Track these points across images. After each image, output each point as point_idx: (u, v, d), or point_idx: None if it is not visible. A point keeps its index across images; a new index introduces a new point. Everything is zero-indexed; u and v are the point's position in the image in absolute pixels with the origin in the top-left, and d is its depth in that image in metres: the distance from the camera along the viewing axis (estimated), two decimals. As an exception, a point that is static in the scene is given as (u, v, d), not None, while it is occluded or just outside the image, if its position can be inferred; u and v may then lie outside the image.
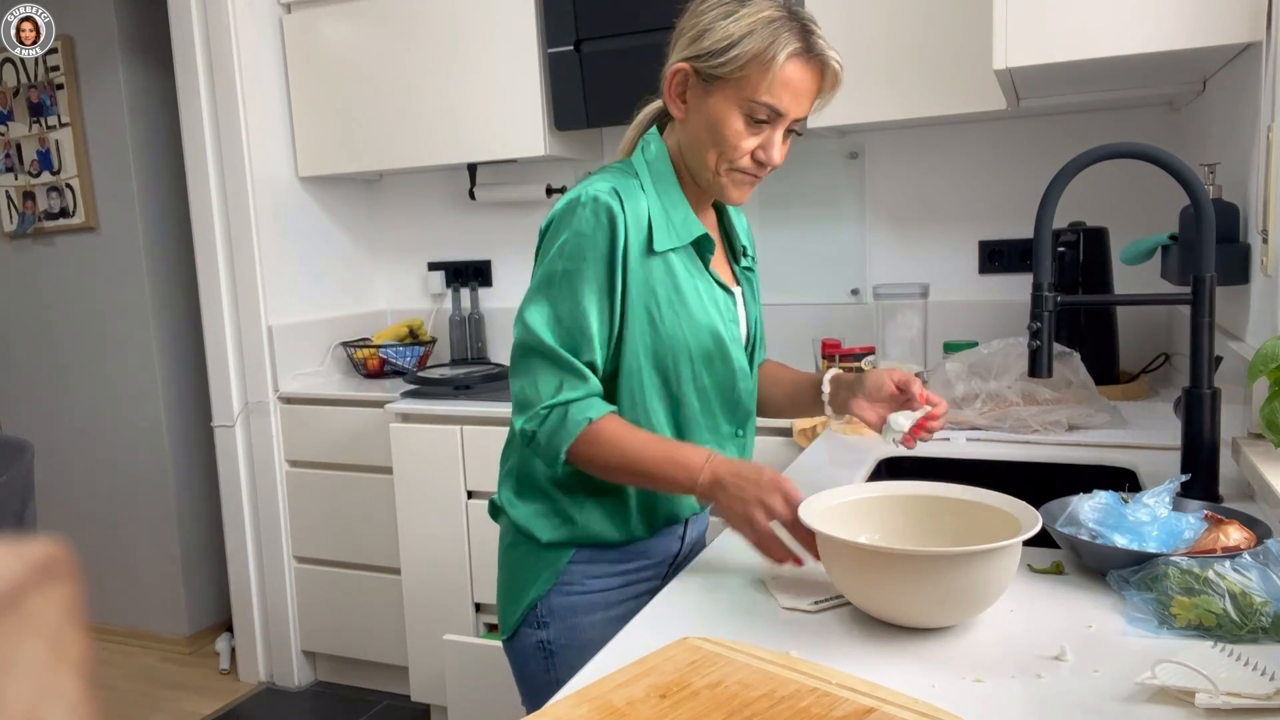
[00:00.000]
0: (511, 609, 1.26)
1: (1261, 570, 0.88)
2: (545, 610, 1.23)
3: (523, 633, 1.25)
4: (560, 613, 1.22)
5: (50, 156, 3.10)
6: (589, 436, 1.11)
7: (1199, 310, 1.18)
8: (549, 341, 1.13)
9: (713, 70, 1.11)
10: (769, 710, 0.74)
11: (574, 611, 1.22)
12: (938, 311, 2.24)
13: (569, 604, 1.22)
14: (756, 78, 1.09)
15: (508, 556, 1.28)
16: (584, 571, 1.23)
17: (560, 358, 1.12)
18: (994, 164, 2.34)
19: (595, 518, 1.21)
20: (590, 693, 0.78)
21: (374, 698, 2.74)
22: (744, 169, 1.15)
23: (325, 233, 2.91)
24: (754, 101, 1.10)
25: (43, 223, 3.15)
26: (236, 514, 2.78)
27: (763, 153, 1.14)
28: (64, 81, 3.02)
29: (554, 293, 1.13)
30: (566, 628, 1.22)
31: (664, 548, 1.27)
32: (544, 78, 2.43)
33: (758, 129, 1.13)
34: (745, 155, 1.14)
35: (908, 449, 1.24)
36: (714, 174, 1.16)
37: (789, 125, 1.15)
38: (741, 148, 1.13)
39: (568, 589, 1.22)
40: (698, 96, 1.14)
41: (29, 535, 0.25)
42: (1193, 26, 1.44)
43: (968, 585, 0.87)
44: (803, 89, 1.12)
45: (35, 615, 0.22)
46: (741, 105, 1.11)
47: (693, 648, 0.85)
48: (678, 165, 1.21)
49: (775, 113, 1.11)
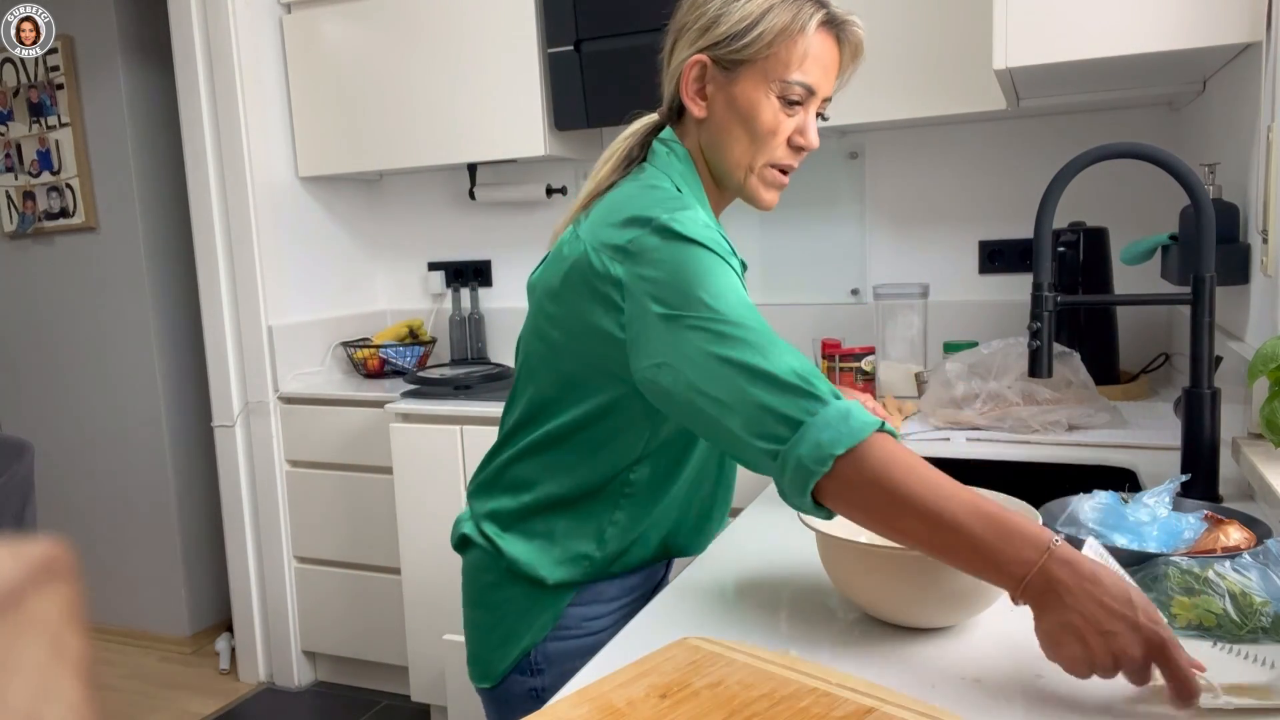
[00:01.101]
0: (498, 655, 1.14)
1: (1261, 570, 0.88)
2: (540, 657, 1.12)
3: (512, 680, 1.13)
4: (556, 659, 1.11)
5: (50, 156, 3.10)
6: (884, 446, 0.83)
7: (1199, 310, 1.18)
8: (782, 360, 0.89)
9: (736, 55, 1.03)
10: (769, 710, 0.74)
11: (570, 657, 1.10)
12: (938, 311, 2.24)
13: (566, 649, 1.11)
14: (785, 54, 1.02)
15: (492, 597, 1.13)
16: (582, 614, 1.12)
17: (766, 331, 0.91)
18: (994, 164, 2.34)
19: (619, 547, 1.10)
20: (590, 692, 0.78)
21: (374, 698, 2.74)
22: (781, 162, 1.07)
23: (325, 233, 2.91)
24: (785, 81, 1.02)
25: (43, 223, 3.15)
26: (236, 514, 2.78)
27: (800, 137, 1.06)
28: (64, 81, 3.02)
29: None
30: (562, 674, 1.08)
31: (652, 575, 1.20)
32: (544, 78, 2.43)
33: (792, 111, 1.04)
34: (782, 143, 1.06)
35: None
36: (747, 172, 1.07)
37: (820, 107, 1.07)
38: (780, 133, 1.05)
39: (565, 633, 1.12)
40: (720, 88, 1.05)
41: (29, 535, 0.25)
42: (1193, 26, 1.44)
43: (968, 585, 0.87)
44: (830, 63, 1.05)
45: (35, 615, 0.22)
46: (774, 86, 1.03)
47: (693, 648, 0.85)
48: (700, 172, 1.11)
49: (809, 90, 1.03)
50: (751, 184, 1.08)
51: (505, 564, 1.11)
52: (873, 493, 0.82)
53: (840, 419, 0.84)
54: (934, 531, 0.79)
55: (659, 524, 1.13)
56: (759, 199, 1.10)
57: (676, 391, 0.92)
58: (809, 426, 0.84)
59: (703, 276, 0.93)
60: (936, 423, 1.72)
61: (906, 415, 1.82)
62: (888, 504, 0.81)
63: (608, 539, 1.10)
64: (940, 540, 0.80)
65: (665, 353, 0.93)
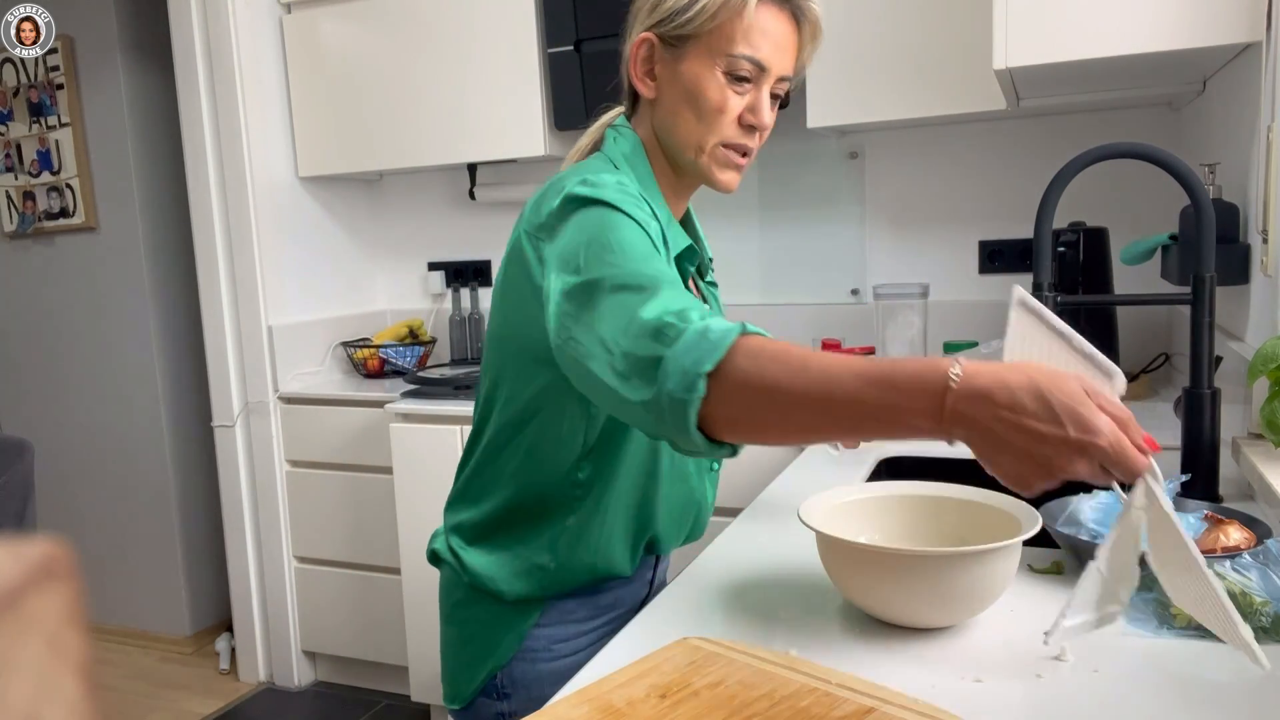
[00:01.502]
0: (465, 677, 1.10)
1: (1261, 570, 0.88)
2: (506, 680, 1.08)
3: (480, 703, 1.09)
4: (524, 683, 1.07)
5: (50, 156, 3.10)
6: (748, 348, 0.76)
7: (1199, 310, 1.18)
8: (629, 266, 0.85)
9: (680, 30, 0.99)
10: (769, 710, 0.74)
11: (540, 682, 1.06)
12: (938, 311, 2.24)
13: (534, 674, 1.07)
14: (729, 28, 0.97)
15: (460, 615, 1.11)
16: (551, 636, 1.08)
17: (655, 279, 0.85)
18: (994, 164, 2.34)
19: (572, 555, 1.05)
20: (590, 692, 0.78)
21: (374, 698, 2.74)
22: (732, 141, 1.02)
23: (325, 233, 2.91)
24: (731, 55, 0.98)
25: (43, 223, 3.15)
26: (236, 514, 2.78)
27: (751, 115, 1.01)
28: (64, 81, 3.02)
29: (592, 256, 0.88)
30: (532, 699, 1.04)
31: (632, 594, 1.15)
32: (544, 78, 2.43)
33: (741, 88, 1.00)
34: (732, 121, 1.01)
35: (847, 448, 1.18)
36: (697, 152, 1.03)
37: (774, 87, 1.03)
38: (728, 110, 1.00)
39: (533, 656, 1.07)
40: (667, 66, 1.02)
41: (29, 535, 0.25)
42: (1193, 26, 1.44)
43: (968, 585, 0.87)
44: (782, 40, 1.00)
45: (35, 615, 0.22)
46: (719, 61, 0.99)
47: (693, 648, 0.85)
48: (651, 158, 1.07)
49: (757, 65, 0.99)
50: (703, 164, 1.03)
51: (469, 579, 1.08)
52: (754, 400, 0.75)
53: (698, 338, 0.77)
54: (827, 417, 0.73)
55: (616, 528, 1.07)
56: (713, 179, 1.05)
57: (576, 360, 0.86)
58: (668, 359, 0.77)
59: (602, 234, 0.89)
60: (936, 423, 1.72)
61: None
62: (772, 406, 0.74)
63: (559, 548, 1.05)
64: (837, 423, 0.74)
65: (566, 327, 0.87)
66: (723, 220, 2.58)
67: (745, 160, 1.05)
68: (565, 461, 1.03)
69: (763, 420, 0.76)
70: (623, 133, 1.07)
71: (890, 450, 1.64)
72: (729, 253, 2.59)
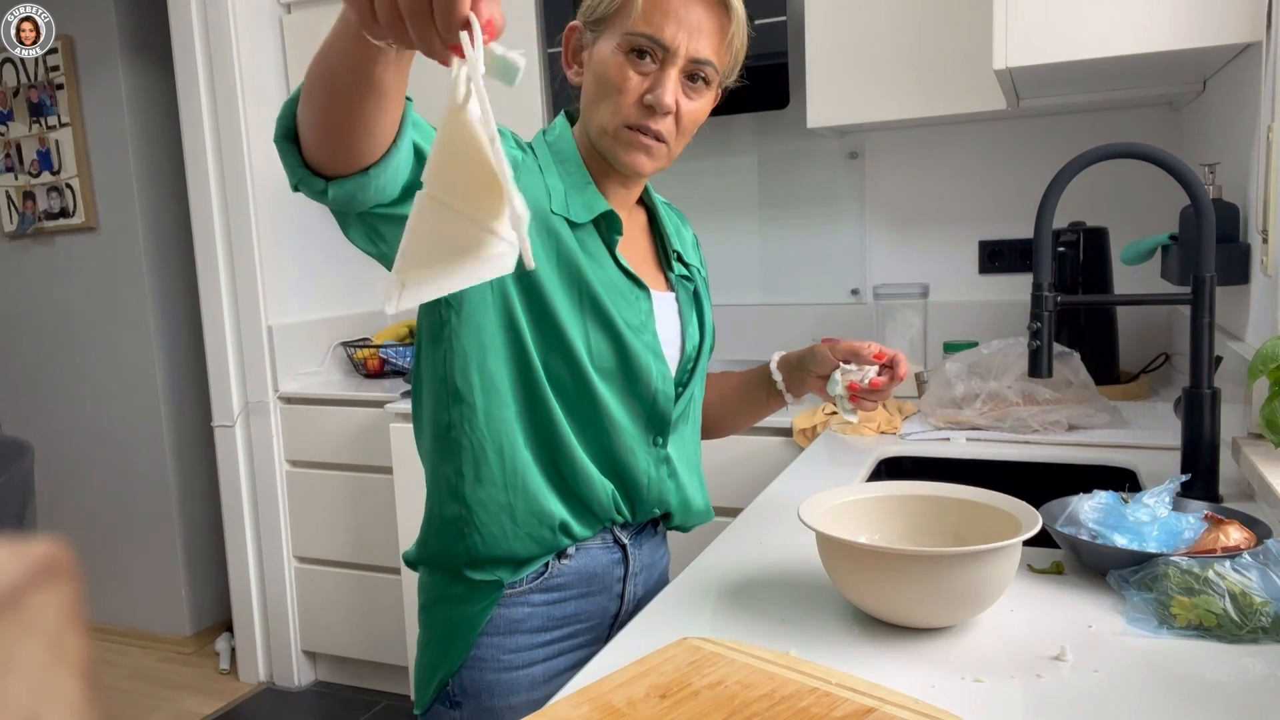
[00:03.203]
0: (423, 681, 1.10)
1: (1261, 570, 0.88)
2: (457, 689, 1.07)
3: (436, 710, 1.08)
4: (473, 692, 1.06)
5: (50, 156, 3.10)
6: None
7: (1199, 310, 1.18)
8: None
9: (597, 15, 1.02)
10: (769, 710, 0.74)
11: (490, 693, 1.05)
12: (938, 311, 2.24)
13: (483, 683, 1.06)
14: (629, 5, 0.99)
15: (423, 618, 1.12)
16: (500, 645, 1.06)
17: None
18: (994, 164, 2.34)
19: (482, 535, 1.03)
20: (590, 692, 0.78)
21: (374, 698, 2.74)
22: (634, 122, 1.01)
23: (325, 233, 2.91)
24: (630, 33, 0.99)
25: (43, 223, 3.15)
26: (236, 514, 2.78)
27: (650, 95, 1.00)
28: (64, 81, 3.02)
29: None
30: (482, 709, 1.05)
31: (599, 609, 1.12)
32: (544, 78, 2.43)
33: (643, 66, 1.00)
34: (633, 101, 1.00)
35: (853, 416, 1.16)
36: (602, 134, 1.03)
37: (690, 68, 1.01)
38: (626, 90, 1.00)
39: (481, 665, 1.06)
40: (587, 51, 1.05)
41: (29, 535, 0.25)
42: (1193, 26, 1.44)
43: (968, 585, 0.87)
44: (689, 19, 0.99)
45: (35, 615, 0.22)
46: (621, 43, 1.00)
47: (693, 648, 0.85)
48: (585, 150, 1.08)
49: (657, 44, 0.99)
50: (607, 146, 1.03)
51: (429, 578, 1.09)
52: (306, 94, 0.79)
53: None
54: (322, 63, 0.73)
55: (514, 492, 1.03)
56: (618, 160, 1.04)
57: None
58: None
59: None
60: (936, 423, 1.72)
61: (906, 415, 1.82)
62: (311, 89, 0.77)
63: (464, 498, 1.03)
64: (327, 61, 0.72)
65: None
66: (723, 220, 2.58)
67: (655, 144, 1.03)
68: (446, 434, 1.04)
69: (309, 102, 0.78)
70: (555, 123, 1.10)
71: (890, 450, 1.64)
72: (729, 253, 2.59)
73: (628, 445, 1.09)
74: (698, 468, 1.22)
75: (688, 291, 1.18)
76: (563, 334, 1.03)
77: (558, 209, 1.03)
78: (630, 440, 1.09)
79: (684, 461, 1.17)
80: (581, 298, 1.04)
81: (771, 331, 2.56)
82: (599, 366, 1.05)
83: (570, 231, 1.04)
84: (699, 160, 2.53)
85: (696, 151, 1.74)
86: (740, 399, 1.32)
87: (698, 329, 1.18)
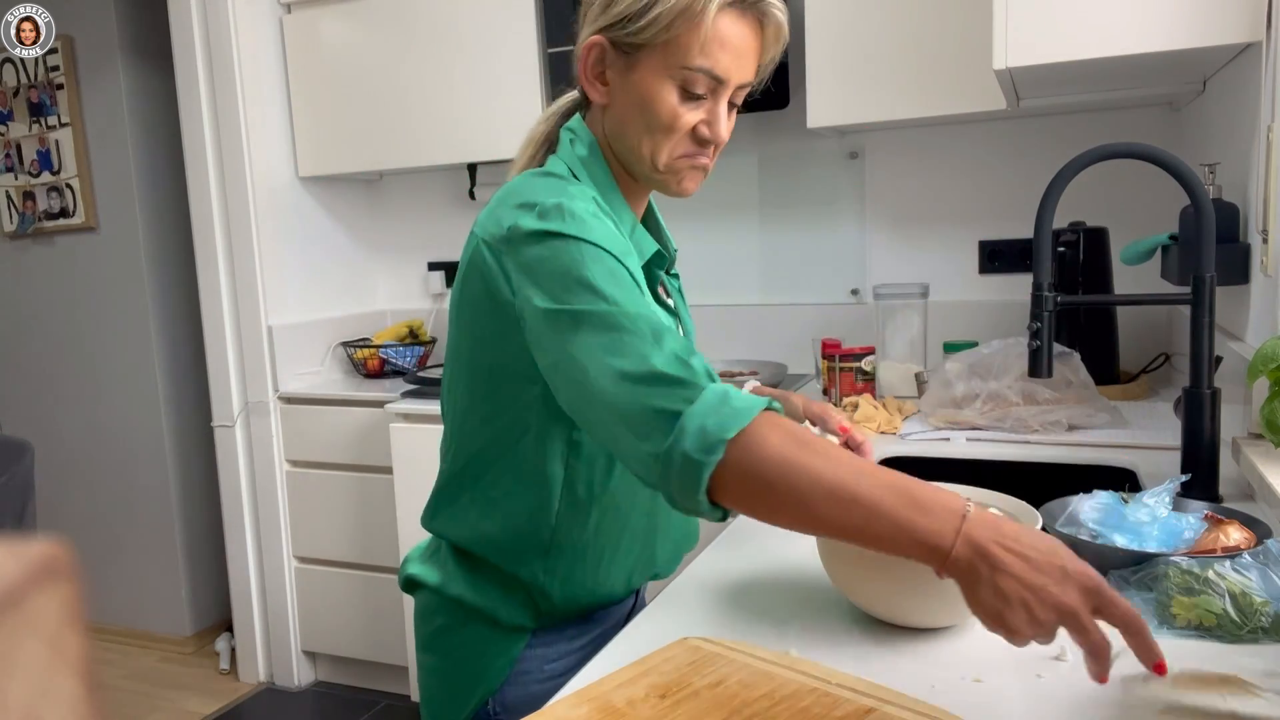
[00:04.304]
0: (453, 707, 1.03)
1: (1261, 570, 0.88)
2: (499, 706, 1.01)
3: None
4: (515, 707, 1.00)
5: (50, 156, 3.10)
6: (775, 423, 0.76)
7: (1199, 310, 1.18)
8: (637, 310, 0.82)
9: (633, 38, 0.92)
10: (769, 710, 0.74)
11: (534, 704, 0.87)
12: (938, 311, 2.24)
13: (527, 696, 1.00)
14: (686, 39, 0.90)
15: (445, 642, 1.04)
16: (543, 656, 1.02)
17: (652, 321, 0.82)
18: (994, 164, 2.34)
19: (569, 584, 0.99)
20: (590, 692, 0.78)
21: (374, 698, 2.74)
22: (685, 153, 0.96)
23: (325, 233, 2.91)
24: (687, 68, 0.91)
25: (43, 223, 3.15)
26: (236, 514, 2.78)
27: (706, 129, 0.95)
28: (64, 81, 3.02)
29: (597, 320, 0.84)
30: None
31: (621, 609, 1.11)
32: (544, 78, 2.43)
33: (696, 103, 0.94)
34: (685, 136, 0.95)
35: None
36: (651, 166, 0.97)
37: (733, 95, 0.96)
38: (679, 127, 0.94)
39: (525, 678, 1.01)
40: (619, 74, 0.95)
41: (29, 535, 0.25)
42: (1193, 26, 1.44)
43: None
44: (743, 47, 0.93)
45: (35, 615, 0.22)
46: (674, 75, 0.92)
47: (693, 648, 0.85)
48: (609, 161, 1.01)
49: (714, 79, 0.93)
50: (659, 178, 0.98)
51: (455, 605, 1.02)
52: (775, 477, 0.74)
53: (720, 402, 0.76)
54: (847, 511, 0.72)
55: (618, 556, 1.02)
56: (672, 190, 1.00)
57: (565, 390, 0.86)
58: (688, 416, 0.76)
59: (578, 269, 0.85)
60: (936, 423, 1.72)
61: (906, 415, 1.82)
62: (791, 487, 0.73)
63: (556, 576, 0.99)
64: (854, 520, 0.72)
65: (552, 349, 0.85)
66: (723, 220, 2.58)
67: (706, 163, 0.99)
68: (556, 483, 0.97)
69: (776, 497, 0.75)
70: (579, 134, 1.01)
71: (890, 450, 1.64)
72: (729, 253, 2.59)
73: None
74: None
75: (679, 293, 1.13)
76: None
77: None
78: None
79: None
80: None
81: (771, 331, 2.56)
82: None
83: None
84: (699, 160, 2.53)
85: (696, 151, 1.74)
86: None
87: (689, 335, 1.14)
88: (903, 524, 0.71)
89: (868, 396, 1.87)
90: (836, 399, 1.95)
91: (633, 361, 0.80)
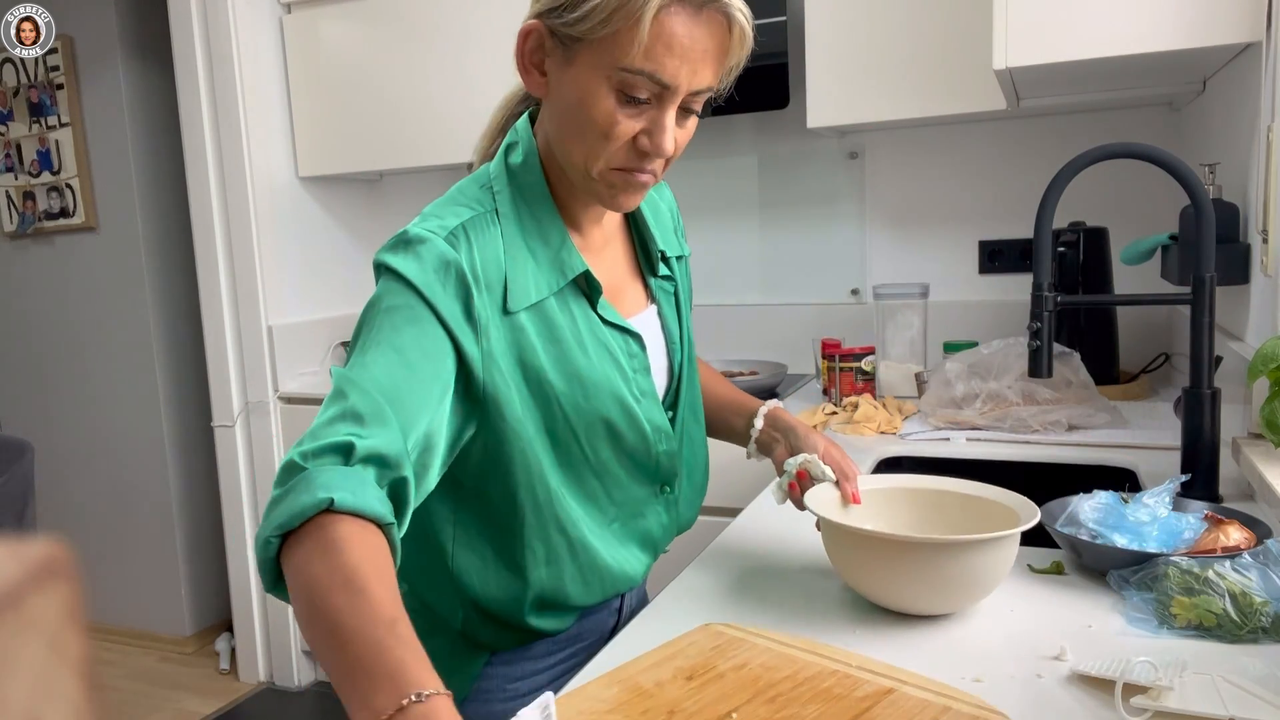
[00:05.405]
0: None
1: (1261, 570, 0.88)
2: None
3: None
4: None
5: (50, 156, 3.10)
6: (320, 531, 0.67)
7: (1199, 310, 1.18)
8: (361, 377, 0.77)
9: (569, 29, 0.82)
10: (792, 691, 0.76)
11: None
12: (938, 311, 2.24)
13: (488, 715, 0.97)
14: (626, 37, 0.79)
15: None
16: (506, 674, 0.98)
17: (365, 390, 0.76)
18: (994, 164, 2.34)
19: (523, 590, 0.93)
20: (619, 674, 0.81)
21: (374, 698, 2.74)
22: (624, 165, 0.85)
23: (325, 233, 2.91)
24: (626, 70, 0.80)
25: (43, 223, 3.15)
26: (236, 514, 2.78)
27: (647, 139, 0.84)
28: (64, 81, 3.02)
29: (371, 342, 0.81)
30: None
31: (598, 625, 1.05)
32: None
33: (636, 109, 0.83)
34: (623, 146, 0.84)
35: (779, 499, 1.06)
36: (584, 174, 0.86)
37: (686, 101, 0.84)
38: (616, 135, 0.83)
39: (487, 696, 0.97)
40: (557, 66, 0.85)
41: (29, 535, 0.25)
42: (1193, 26, 1.44)
43: (967, 573, 0.89)
44: (697, 49, 0.81)
45: (35, 615, 0.22)
46: (610, 77, 0.81)
47: (716, 633, 0.88)
48: (549, 167, 0.92)
49: (658, 83, 0.81)
50: (595, 187, 0.88)
51: (424, 608, 0.97)
52: (295, 587, 0.67)
53: (304, 487, 0.68)
54: (320, 639, 0.64)
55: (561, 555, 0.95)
56: (604, 203, 0.90)
57: None
58: (274, 499, 0.70)
59: (376, 325, 0.81)
60: (936, 423, 1.72)
61: (906, 415, 1.82)
62: (300, 601, 0.66)
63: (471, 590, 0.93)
64: (320, 652, 0.64)
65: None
66: (723, 220, 2.58)
67: (647, 179, 0.88)
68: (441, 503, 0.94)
69: (297, 609, 0.67)
70: (520, 138, 0.92)
71: (890, 450, 1.64)
72: (729, 253, 2.59)
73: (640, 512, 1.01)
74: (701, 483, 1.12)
75: (669, 295, 1.05)
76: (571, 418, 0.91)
77: (516, 305, 0.87)
78: (640, 506, 1.00)
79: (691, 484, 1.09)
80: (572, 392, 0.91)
81: (771, 331, 2.56)
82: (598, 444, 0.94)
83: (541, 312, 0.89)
84: (699, 160, 2.53)
85: (696, 151, 1.74)
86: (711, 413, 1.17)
87: (678, 340, 1.05)
88: (340, 680, 0.62)
89: (868, 396, 1.87)
90: (836, 399, 1.95)
91: (310, 428, 0.75)
